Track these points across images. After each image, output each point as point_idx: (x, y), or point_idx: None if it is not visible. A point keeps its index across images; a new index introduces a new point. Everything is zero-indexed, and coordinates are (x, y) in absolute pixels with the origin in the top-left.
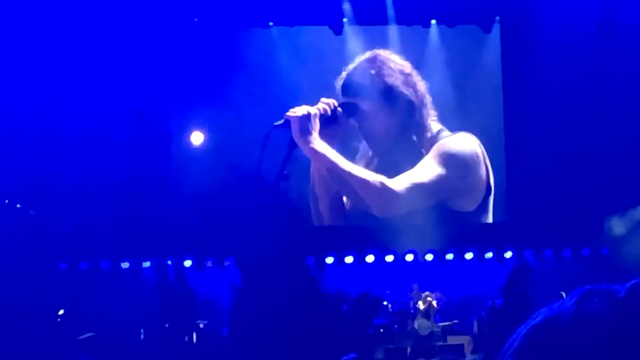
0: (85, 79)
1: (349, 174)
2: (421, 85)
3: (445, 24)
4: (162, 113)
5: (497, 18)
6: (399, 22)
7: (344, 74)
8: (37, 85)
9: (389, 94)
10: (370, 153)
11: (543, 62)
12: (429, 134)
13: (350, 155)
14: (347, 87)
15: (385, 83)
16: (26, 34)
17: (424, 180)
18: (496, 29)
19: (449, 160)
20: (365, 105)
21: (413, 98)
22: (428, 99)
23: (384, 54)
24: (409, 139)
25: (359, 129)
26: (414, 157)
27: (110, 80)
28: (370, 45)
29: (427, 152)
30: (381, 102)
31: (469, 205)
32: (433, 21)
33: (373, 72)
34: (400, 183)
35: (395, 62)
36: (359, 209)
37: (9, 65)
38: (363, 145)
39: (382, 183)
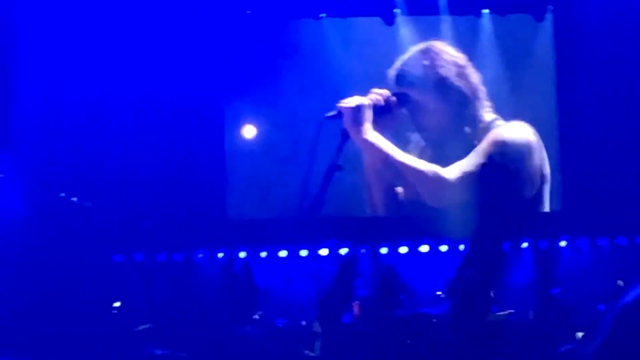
0: (138, 73)
1: (403, 163)
2: (475, 77)
3: (497, 13)
4: (214, 105)
5: (550, 7)
6: (450, 12)
7: (397, 64)
8: (90, 79)
9: (441, 86)
10: (422, 144)
11: (596, 51)
12: (481, 125)
13: (403, 146)
14: (400, 78)
15: (438, 74)
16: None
17: (476, 169)
18: (549, 17)
19: (503, 150)
20: (418, 96)
21: (466, 90)
22: (482, 91)
23: (438, 45)
24: (461, 131)
25: (411, 120)
26: (467, 148)
27: (163, 73)
28: (422, 36)
29: (480, 142)
30: (433, 93)
31: (528, 193)
32: (485, 10)
33: (426, 62)
34: (453, 172)
35: (450, 53)
36: (413, 200)
37: (59, 63)
38: (415, 136)
39: (435, 172)
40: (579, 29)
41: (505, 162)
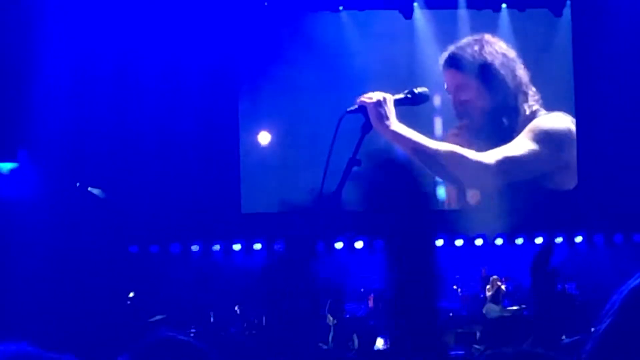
0: (155, 67)
1: (436, 150)
2: (522, 72)
3: (516, 8)
4: (230, 99)
5: (568, 2)
6: (469, 6)
7: (450, 48)
8: (108, 74)
9: (484, 72)
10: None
11: (614, 46)
12: (521, 118)
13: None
14: (450, 60)
15: (484, 60)
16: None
17: (516, 154)
18: (567, 12)
19: (542, 136)
20: (464, 79)
21: (509, 81)
22: (527, 86)
23: (490, 37)
24: (500, 121)
25: (452, 107)
26: (504, 139)
27: (180, 67)
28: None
29: (521, 130)
30: (479, 78)
31: (568, 182)
32: (504, 5)
33: (477, 48)
34: (492, 156)
35: (501, 46)
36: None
37: (79, 59)
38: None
39: (472, 154)
40: (597, 23)
41: (544, 150)
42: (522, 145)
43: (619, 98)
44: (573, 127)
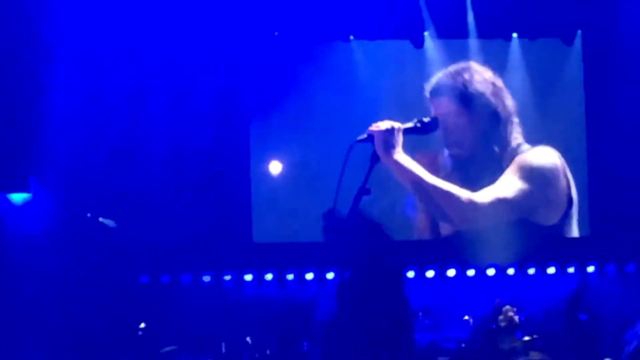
0: (167, 96)
1: (434, 187)
2: (509, 101)
3: (527, 37)
4: (242, 128)
5: (579, 31)
6: (480, 35)
7: (435, 77)
8: (117, 100)
9: (477, 101)
10: (449, 166)
11: (626, 75)
12: (510, 148)
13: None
14: (436, 90)
15: (475, 90)
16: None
17: (508, 195)
18: (578, 42)
19: (530, 173)
20: (453, 109)
21: (500, 110)
22: (514, 115)
23: (477, 65)
24: (491, 150)
25: (442, 137)
26: (494, 169)
27: (191, 96)
28: (452, 59)
29: (507, 165)
30: (468, 108)
31: (552, 218)
32: (514, 34)
33: (467, 76)
34: (485, 196)
35: (488, 73)
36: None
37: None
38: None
39: (468, 198)
40: (608, 53)
41: (532, 187)
42: (512, 184)
43: (631, 128)
44: (558, 161)
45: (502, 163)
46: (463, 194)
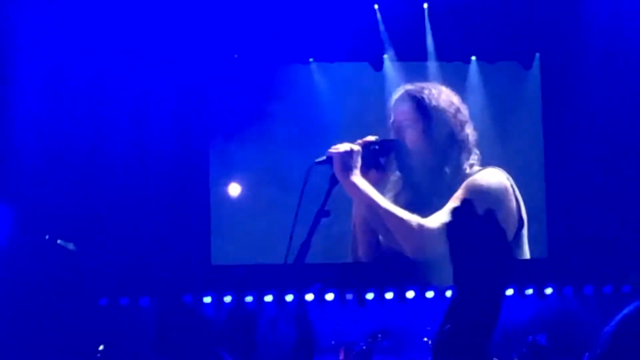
0: (124, 116)
1: (386, 211)
2: (469, 130)
3: (486, 60)
4: (200, 150)
5: (537, 55)
6: (439, 58)
7: (408, 86)
8: (77, 125)
9: (436, 116)
10: (399, 186)
11: (584, 99)
12: (461, 172)
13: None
14: (402, 97)
15: (438, 106)
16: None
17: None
18: (536, 64)
19: (478, 196)
20: (412, 117)
21: (457, 133)
22: (472, 136)
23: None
24: (442, 172)
25: (395, 157)
26: (444, 191)
27: (149, 117)
28: (411, 81)
29: (457, 187)
30: (427, 120)
31: (502, 239)
32: (473, 57)
33: (435, 93)
34: (434, 223)
35: (455, 98)
36: (394, 249)
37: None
38: (394, 176)
39: (418, 224)
40: (566, 76)
41: (480, 208)
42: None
43: (589, 150)
44: (507, 182)
45: (452, 186)
46: (414, 221)
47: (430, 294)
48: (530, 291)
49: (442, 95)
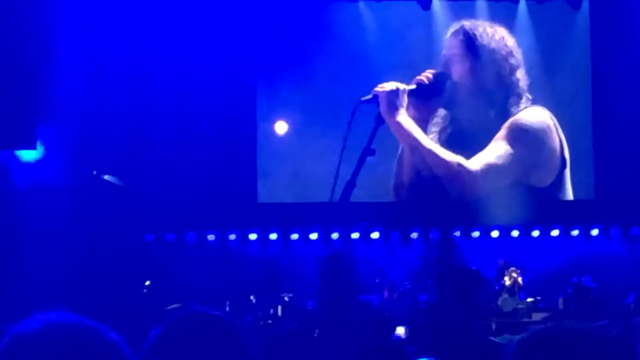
0: (172, 57)
1: (429, 151)
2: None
3: (535, 0)
4: (247, 89)
5: None
6: None
7: (467, 22)
8: (127, 68)
9: (489, 57)
10: (446, 121)
11: (632, 40)
12: (507, 113)
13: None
14: (461, 32)
15: (493, 48)
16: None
17: (498, 161)
18: (585, 5)
19: (521, 136)
20: (460, 66)
21: (505, 74)
22: (524, 92)
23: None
24: (487, 113)
25: (442, 93)
26: (488, 130)
27: (197, 57)
28: (459, 20)
29: (502, 125)
30: (473, 63)
31: (544, 180)
32: None
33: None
34: (475, 164)
35: (514, 44)
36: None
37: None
38: (440, 112)
39: (459, 164)
40: (615, 17)
41: (523, 150)
42: (502, 150)
43: (637, 91)
44: (550, 122)
45: (497, 127)
46: (455, 161)
47: (475, 234)
48: (576, 232)
49: (496, 36)
